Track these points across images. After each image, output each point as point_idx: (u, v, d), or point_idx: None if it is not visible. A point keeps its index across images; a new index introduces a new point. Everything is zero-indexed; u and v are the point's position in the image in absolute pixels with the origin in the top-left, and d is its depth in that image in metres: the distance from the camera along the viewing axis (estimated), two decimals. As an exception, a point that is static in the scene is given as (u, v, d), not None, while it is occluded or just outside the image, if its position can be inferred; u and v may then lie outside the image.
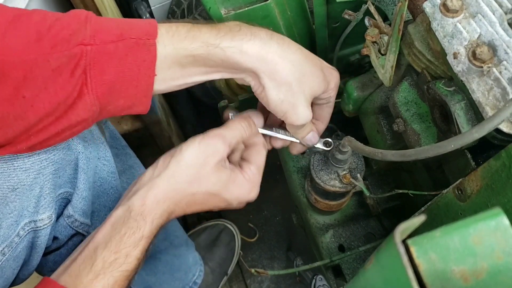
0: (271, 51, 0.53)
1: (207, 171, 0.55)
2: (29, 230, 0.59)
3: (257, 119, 0.63)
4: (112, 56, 0.50)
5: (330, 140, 0.67)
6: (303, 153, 0.94)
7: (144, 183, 0.55)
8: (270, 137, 0.65)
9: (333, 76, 0.60)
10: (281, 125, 0.66)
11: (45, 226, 0.61)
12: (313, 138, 0.64)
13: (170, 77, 0.54)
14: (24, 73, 0.47)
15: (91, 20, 0.50)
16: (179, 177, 0.55)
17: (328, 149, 0.68)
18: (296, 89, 0.55)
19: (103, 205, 0.73)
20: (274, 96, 0.55)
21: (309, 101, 0.57)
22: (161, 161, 0.57)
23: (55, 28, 0.48)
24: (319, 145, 0.67)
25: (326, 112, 0.65)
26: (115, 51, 0.50)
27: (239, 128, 0.59)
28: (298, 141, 0.65)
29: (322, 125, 0.66)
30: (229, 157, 0.60)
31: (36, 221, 0.59)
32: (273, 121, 0.67)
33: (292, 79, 0.54)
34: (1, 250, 0.56)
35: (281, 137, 0.65)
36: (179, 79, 0.55)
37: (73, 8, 0.94)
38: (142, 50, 0.51)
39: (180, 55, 0.52)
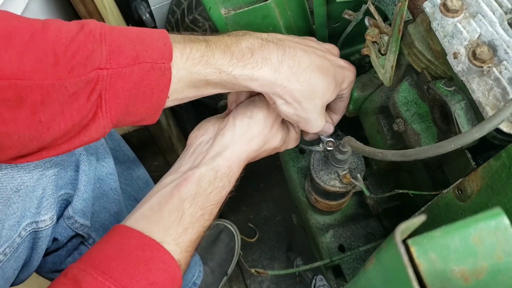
0: (281, 77, 0.55)
1: (276, 129, 0.63)
2: (31, 231, 0.59)
3: None
4: (127, 80, 0.50)
5: (333, 140, 0.68)
6: (303, 152, 0.94)
7: (227, 145, 0.60)
8: None
9: (345, 77, 0.62)
10: None
11: (47, 227, 0.61)
12: (327, 129, 0.68)
13: (183, 97, 0.56)
14: (41, 98, 0.46)
15: (106, 39, 0.49)
16: (258, 138, 0.61)
17: (330, 148, 0.68)
18: (306, 106, 0.58)
19: (103, 206, 0.73)
20: (285, 110, 0.58)
21: (322, 111, 0.60)
22: (238, 123, 0.61)
23: (71, 50, 0.47)
24: (321, 146, 0.69)
25: (340, 106, 0.68)
26: (131, 75, 0.50)
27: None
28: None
29: (337, 116, 0.69)
30: None
31: (37, 222, 0.59)
32: None
33: (302, 99, 0.57)
34: (3, 251, 0.56)
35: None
36: (190, 98, 0.57)
37: (73, 8, 0.95)
38: (157, 74, 0.51)
39: (194, 79, 0.53)
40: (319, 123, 0.61)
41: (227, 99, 0.92)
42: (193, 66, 0.52)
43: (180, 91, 0.54)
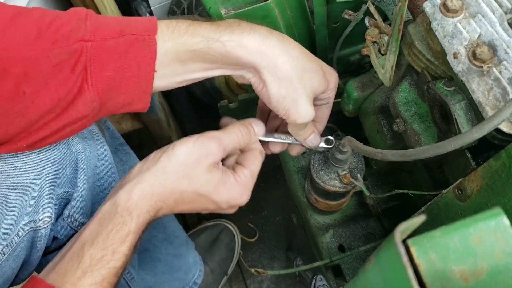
0: (271, 44, 0.53)
1: (198, 171, 0.54)
2: (29, 230, 0.59)
3: (258, 127, 0.62)
4: (112, 52, 0.50)
5: (331, 137, 0.67)
6: (303, 153, 0.94)
7: (132, 177, 0.54)
8: (268, 143, 0.65)
9: (332, 76, 0.60)
10: (281, 130, 0.66)
11: (45, 226, 0.61)
12: (314, 140, 0.63)
13: (170, 73, 0.54)
14: (24, 69, 0.47)
15: (91, 17, 0.50)
16: (168, 173, 0.54)
17: (330, 146, 0.67)
18: (297, 84, 0.54)
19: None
20: (276, 91, 0.54)
21: (311, 98, 0.57)
22: (152, 156, 0.56)
23: (55, 25, 0.48)
24: (321, 144, 0.67)
25: (325, 114, 0.64)
26: (116, 47, 0.50)
27: (237, 134, 0.58)
28: (299, 143, 0.65)
29: (321, 126, 0.66)
30: (223, 160, 0.59)
31: (35, 220, 0.59)
32: (272, 126, 0.67)
33: (293, 74, 0.53)
34: (1, 250, 0.56)
35: (282, 142, 0.64)
36: (179, 75, 0.55)
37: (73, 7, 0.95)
38: (142, 46, 0.51)
39: (180, 50, 0.52)
40: (309, 110, 0.56)
41: (227, 99, 0.92)
42: (180, 37, 0.52)
43: (166, 64, 0.53)
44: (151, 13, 1.14)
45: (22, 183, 0.56)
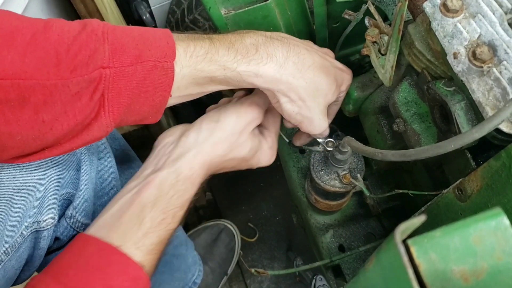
0: (286, 73, 0.55)
1: (245, 138, 0.60)
2: (32, 231, 0.59)
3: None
4: (130, 79, 0.49)
5: (333, 140, 0.68)
6: (303, 152, 0.94)
7: (190, 147, 0.58)
8: None
9: (344, 79, 0.63)
10: None
11: (48, 226, 0.61)
12: (324, 132, 0.66)
13: (187, 94, 0.56)
14: (44, 97, 0.46)
15: (108, 37, 0.49)
16: (223, 144, 0.59)
17: (330, 149, 0.68)
18: (310, 104, 0.58)
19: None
20: (289, 108, 0.58)
21: (325, 111, 0.61)
22: (205, 125, 0.60)
23: (74, 49, 0.47)
24: (321, 147, 0.68)
25: (333, 110, 0.68)
26: (134, 74, 0.49)
27: (261, 97, 0.62)
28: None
29: (329, 119, 0.68)
30: None
31: (39, 221, 0.59)
32: None
33: (306, 96, 0.57)
34: (5, 250, 0.56)
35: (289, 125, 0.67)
36: (194, 95, 0.57)
37: (73, 7, 0.95)
38: (160, 73, 0.51)
39: (198, 77, 0.53)
40: (322, 123, 0.61)
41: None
42: (197, 64, 0.52)
43: (183, 89, 0.54)
44: (151, 13, 1.14)
45: (27, 184, 0.57)
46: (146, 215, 0.52)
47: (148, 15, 1.12)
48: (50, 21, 0.49)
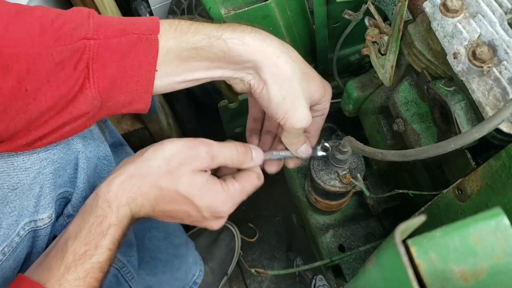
0: (272, 45, 0.53)
1: (183, 171, 0.53)
2: (29, 230, 0.59)
3: (257, 153, 0.60)
4: (115, 51, 0.50)
5: (327, 144, 0.67)
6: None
7: (116, 169, 0.54)
8: (264, 165, 0.64)
9: (327, 86, 0.60)
10: (274, 147, 0.66)
11: (45, 225, 0.61)
12: (305, 151, 0.63)
13: (171, 71, 0.54)
14: (27, 66, 0.47)
15: (94, 16, 0.50)
16: (150, 167, 0.52)
17: (325, 154, 0.67)
18: (297, 86, 0.54)
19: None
20: (276, 92, 0.54)
21: (309, 102, 0.57)
22: (139, 151, 0.56)
23: (58, 22, 0.48)
24: (318, 152, 0.67)
25: (318, 125, 0.64)
26: (118, 46, 0.50)
27: (232, 148, 0.57)
28: (294, 155, 0.64)
29: (313, 139, 0.66)
30: (216, 174, 0.59)
31: (36, 220, 0.59)
32: (264, 142, 0.67)
33: (293, 75, 0.54)
34: (1, 250, 0.56)
35: (275, 157, 0.64)
36: (180, 74, 0.55)
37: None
38: (145, 45, 0.51)
39: (182, 48, 0.52)
40: (307, 114, 0.56)
41: (227, 99, 0.92)
42: (182, 35, 0.52)
43: (168, 63, 0.53)
44: (151, 13, 1.14)
45: (23, 183, 0.56)
46: (68, 248, 0.49)
47: (148, 15, 1.12)
48: (36, 6, 0.50)
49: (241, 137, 1.05)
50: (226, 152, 0.56)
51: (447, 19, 0.49)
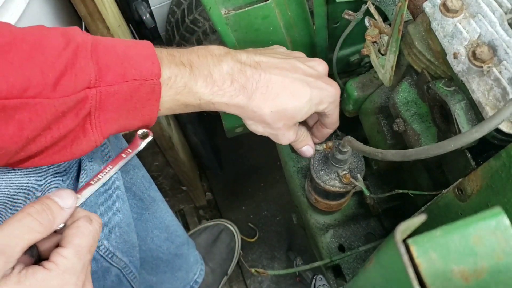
0: (252, 104, 0.57)
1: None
2: None
3: (65, 197, 0.46)
4: (117, 98, 0.50)
5: (330, 143, 0.68)
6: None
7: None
8: None
9: (325, 96, 0.60)
10: None
11: None
12: (307, 152, 0.67)
13: (160, 115, 0.57)
14: (29, 115, 0.46)
15: (93, 56, 0.49)
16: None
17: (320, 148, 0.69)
18: (274, 126, 0.59)
19: (106, 205, 0.73)
20: (254, 129, 0.61)
21: (292, 127, 0.61)
22: None
23: (59, 68, 0.47)
24: (318, 147, 0.69)
25: (326, 122, 0.65)
26: (120, 92, 0.50)
27: (22, 221, 0.41)
28: None
29: (326, 130, 0.67)
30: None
31: None
32: None
33: (271, 122, 0.59)
34: None
35: None
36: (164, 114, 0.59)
37: (73, 7, 0.94)
38: (147, 91, 0.52)
39: (175, 104, 0.56)
40: (289, 137, 0.62)
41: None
42: (176, 95, 0.55)
43: (160, 113, 0.56)
44: (151, 13, 1.14)
45: (24, 187, 0.56)
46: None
47: (148, 15, 1.12)
48: (32, 35, 0.47)
49: (241, 137, 1.05)
50: (14, 232, 0.41)
51: (447, 19, 0.49)
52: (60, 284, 0.41)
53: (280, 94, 0.58)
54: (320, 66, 0.62)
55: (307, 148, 0.66)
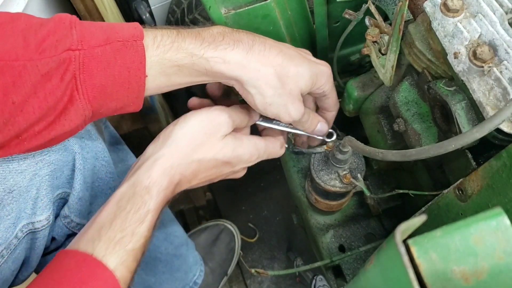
0: (253, 59, 0.54)
1: (213, 139, 0.56)
2: (27, 232, 0.59)
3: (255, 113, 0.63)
4: (100, 60, 0.50)
5: (331, 131, 0.68)
6: (303, 154, 0.94)
7: (148, 157, 0.55)
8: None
9: (321, 71, 0.60)
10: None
11: (43, 227, 0.61)
12: (322, 128, 0.65)
13: (155, 85, 0.55)
14: (12, 78, 0.47)
15: (76, 26, 0.50)
16: (184, 144, 0.55)
17: (330, 140, 0.68)
18: (281, 91, 0.56)
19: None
20: (261, 100, 0.56)
21: (299, 97, 0.58)
22: (162, 134, 0.57)
23: (41, 34, 0.48)
24: (321, 148, 0.68)
25: (327, 103, 0.65)
26: (103, 54, 0.50)
27: (242, 110, 0.60)
28: (300, 132, 0.66)
29: (330, 113, 0.67)
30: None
31: (34, 222, 0.59)
32: None
33: (276, 83, 0.55)
34: (0, 252, 0.56)
35: (282, 129, 0.66)
36: (164, 88, 0.56)
37: (73, 7, 0.95)
38: (130, 52, 0.51)
39: (166, 66, 0.53)
40: (298, 109, 0.58)
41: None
42: (165, 52, 0.52)
43: (152, 79, 0.54)
44: (151, 13, 1.14)
45: (19, 185, 0.56)
46: (102, 236, 0.49)
47: (148, 15, 1.12)
48: (18, 14, 0.50)
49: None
50: (238, 113, 0.60)
51: (448, 18, 0.49)
52: (251, 152, 0.60)
53: (279, 54, 0.55)
54: (308, 52, 0.63)
55: (322, 125, 0.64)
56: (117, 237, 0.49)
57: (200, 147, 0.55)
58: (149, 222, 0.51)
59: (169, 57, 0.52)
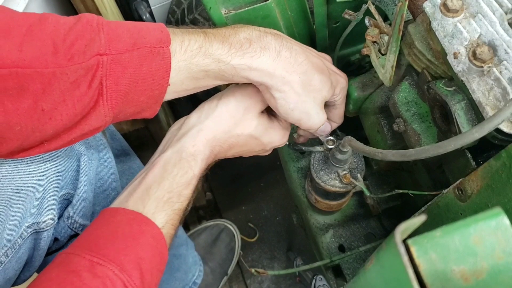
0: (279, 67, 0.55)
1: (250, 116, 0.60)
2: (32, 232, 0.59)
3: None
4: (127, 66, 0.50)
5: (333, 138, 0.68)
6: (303, 153, 0.94)
7: (192, 125, 0.59)
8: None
9: (339, 82, 0.63)
10: None
11: (48, 227, 0.61)
12: (325, 128, 0.66)
13: (182, 89, 0.56)
14: (42, 86, 0.46)
15: (103, 28, 0.50)
16: (226, 119, 0.59)
17: (331, 147, 0.68)
18: (305, 98, 0.57)
19: (103, 206, 0.73)
20: (285, 106, 0.58)
21: (321, 105, 0.60)
22: (207, 105, 0.61)
23: (70, 39, 0.48)
24: (321, 147, 0.68)
25: (335, 114, 0.68)
26: (130, 61, 0.50)
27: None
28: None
29: (333, 123, 0.69)
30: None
31: (39, 222, 0.59)
32: None
33: (300, 90, 0.57)
34: (5, 252, 0.56)
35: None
36: (189, 90, 0.58)
37: (73, 7, 0.95)
38: (157, 59, 0.51)
39: (193, 70, 0.54)
40: (320, 117, 0.60)
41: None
42: (192, 57, 0.53)
43: (179, 83, 0.54)
44: (151, 13, 1.14)
45: (26, 185, 0.56)
46: (151, 196, 0.53)
47: (148, 15, 1.12)
48: (45, 15, 0.49)
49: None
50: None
51: (447, 19, 0.49)
52: (282, 135, 0.64)
53: (304, 62, 0.57)
54: (328, 57, 0.66)
55: (325, 124, 0.66)
56: (165, 197, 0.53)
57: (240, 123, 0.60)
58: (193, 185, 0.56)
59: (196, 61, 0.53)
